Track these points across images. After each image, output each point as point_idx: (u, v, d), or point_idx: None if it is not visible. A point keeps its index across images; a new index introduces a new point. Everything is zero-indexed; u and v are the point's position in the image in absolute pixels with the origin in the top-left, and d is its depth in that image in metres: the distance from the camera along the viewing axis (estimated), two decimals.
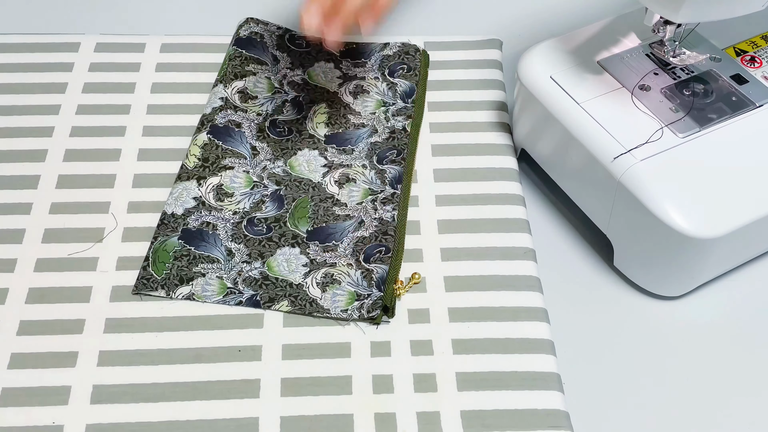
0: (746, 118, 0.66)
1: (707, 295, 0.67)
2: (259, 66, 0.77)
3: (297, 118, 0.75)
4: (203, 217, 0.67)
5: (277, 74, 0.78)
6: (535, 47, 0.71)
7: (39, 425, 0.57)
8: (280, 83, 0.77)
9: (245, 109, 0.74)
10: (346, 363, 0.60)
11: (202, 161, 0.70)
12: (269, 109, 0.75)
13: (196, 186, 0.69)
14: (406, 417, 0.58)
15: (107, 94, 0.78)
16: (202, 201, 0.68)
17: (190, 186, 0.69)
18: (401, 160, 0.71)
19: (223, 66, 0.77)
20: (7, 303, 0.63)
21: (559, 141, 0.68)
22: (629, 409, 0.60)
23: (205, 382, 0.59)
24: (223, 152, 0.71)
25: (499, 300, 0.64)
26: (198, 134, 0.72)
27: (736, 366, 0.62)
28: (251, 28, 0.80)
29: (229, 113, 0.73)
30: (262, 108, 0.75)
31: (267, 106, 0.75)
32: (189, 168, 0.70)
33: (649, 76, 0.69)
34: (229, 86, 0.75)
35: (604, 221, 0.67)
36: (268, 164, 0.71)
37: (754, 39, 0.72)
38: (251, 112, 0.74)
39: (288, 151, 0.72)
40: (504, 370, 0.60)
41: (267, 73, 0.77)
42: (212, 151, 0.71)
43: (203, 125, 0.72)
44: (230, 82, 0.76)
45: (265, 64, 0.78)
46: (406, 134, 0.73)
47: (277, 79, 0.77)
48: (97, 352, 0.61)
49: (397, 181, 0.70)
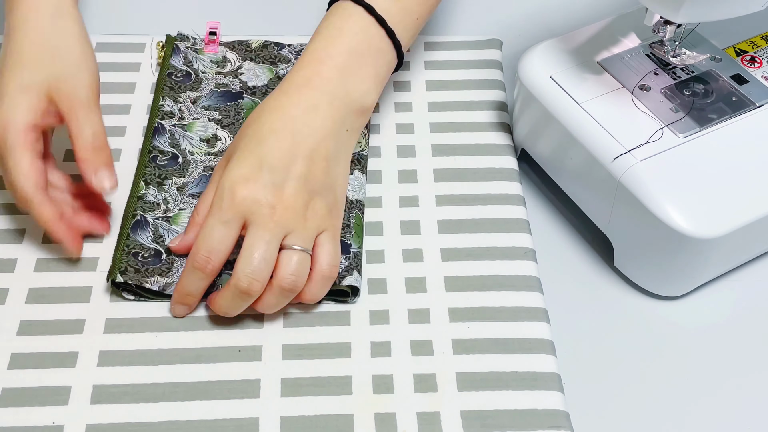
0: (746, 118, 0.66)
1: (707, 295, 0.67)
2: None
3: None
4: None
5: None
6: (535, 47, 0.71)
7: (39, 425, 0.57)
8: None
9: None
10: (346, 363, 0.60)
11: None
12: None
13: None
14: (406, 417, 0.58)
15: (107, 94, 0.77)
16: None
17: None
18: None
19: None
20: (7, 303, 0.63)
21: (559, 141, 0.68)
22: (629, 409, 0.60)
23: (205, 382, 0.59)
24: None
25: (499, 300, 0.64)
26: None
27: (736, 366, 0.62)
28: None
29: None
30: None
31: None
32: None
33: (649, 76, 0.69)
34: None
35: (604, 221, 0.67)
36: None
37: (754, 39, 0.72)
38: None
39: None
40: (504, 370, 0.60)
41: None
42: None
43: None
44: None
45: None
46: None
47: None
48: (97, 352, 0.61)
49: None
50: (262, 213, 0.59)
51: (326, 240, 0.62)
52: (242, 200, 0.59)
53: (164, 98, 0.75)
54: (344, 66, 0.65)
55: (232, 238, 0.60)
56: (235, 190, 0.60)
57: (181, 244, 0.63)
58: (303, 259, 0.60)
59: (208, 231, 0.60)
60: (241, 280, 0.59)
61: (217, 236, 0.60)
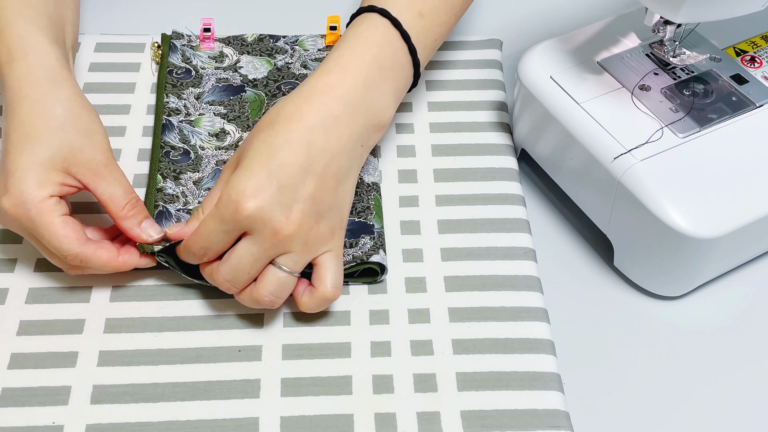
0: (746, 118, 0.66)
1: (707, 295, 0.67)
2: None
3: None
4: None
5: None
6: (535, 47, 0.71)
7: (39, 425, 0.57)
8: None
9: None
10: (346, 363, 0.60)
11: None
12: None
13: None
14: (406, 417, 0.58)
15: (107, 94, 0.78)
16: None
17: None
18: None
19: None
20: (7, 303, 0.63)
21: (559, 141, 0.68)
22: (629, 409, 0.60)
23: (205, 382, 0.59)
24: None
25: (499, 300, 0.64)
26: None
27: (736, 366, 0.62)
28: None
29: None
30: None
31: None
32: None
33: (649, 76, 0.69)
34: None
35: (604, 221, 0.67)
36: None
37: (754, 39, 0.72)
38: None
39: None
40: (504, 370, 0.60)
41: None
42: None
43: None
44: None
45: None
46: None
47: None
48: (97, 352, 0.61)
49: None
50: (263, 233, 0.58)
51: (329, 260, 0.61)
52: (246, 216, 0.58)
53: (168, 95, 0.76)
54: (367, 77, 0.63)
55: (228, 243, 0.60)
56: (240, 203, 0.58)
57: (178, 233, 0.62)
58: (287, 281, 0.60)
59: (206, 232, 0.59)
60: (219, 280, 0.60)
61: (214, 239, 0.59)
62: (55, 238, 0.60)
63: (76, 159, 0.61)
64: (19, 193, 0.59)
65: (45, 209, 0.59)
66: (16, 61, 0.62)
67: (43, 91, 0.62)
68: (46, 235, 0.60)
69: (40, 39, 0.64)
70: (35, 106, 0.61)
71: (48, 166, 0.60)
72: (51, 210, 0.60)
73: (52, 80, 0.63)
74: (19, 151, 0.60)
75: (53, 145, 0.61)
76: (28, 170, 0.60)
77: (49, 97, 0.62)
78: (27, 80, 0.62)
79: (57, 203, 0.60)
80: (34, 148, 0.60)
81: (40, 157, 0.60)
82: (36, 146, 0.60)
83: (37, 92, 0.62)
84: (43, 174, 0.60)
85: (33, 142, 0.60)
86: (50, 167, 0.60)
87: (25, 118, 0.61)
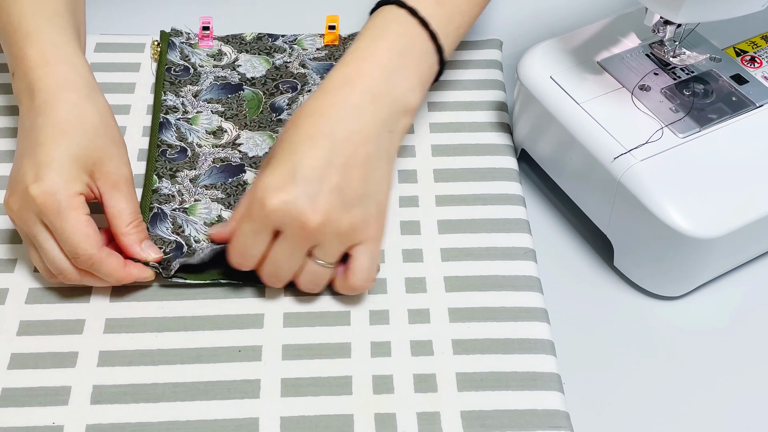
0: (746, 118, 0.66)
1: (707, 295, 0.67)
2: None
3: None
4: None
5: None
6: (535, 47, 0.71)
7: (39, 425, 0.57)
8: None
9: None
10: (346, 363, 0.60)
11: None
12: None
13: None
14: (406, 417, 0.58)
15: (107, 94, 0.76)
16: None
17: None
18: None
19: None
20: (7, 303, 0.63)
21: (559, 141, 0.68)
22: (629, 409, 0.60)
23: (205, 382, 0.59)
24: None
25: (499, 300, 0.64)
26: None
27: (736, 366, 0.62)
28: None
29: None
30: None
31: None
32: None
33: (649, 76, 0.69)
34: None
35: (604, 221, 0.67)
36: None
37: (754, 39, 0.72)
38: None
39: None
40: (504, 370, 0.60)
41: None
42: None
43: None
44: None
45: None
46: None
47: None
48: (97, 352, 0.61)
49: None
50: (292, 226, 0.59)
51: (362, 253, 0.62)
52: (272, 211, 0.58)
53: (166, 93, 0.76)
54: (387, 63, 0.63)
55: (263, 245, 0.60)
56: (266, 199, 0.58)
57: (217, 236, 0.63)
58: (323, 273, 0.62)
59: (241, 238, 0.61)
60: (264, 278, 0.62)
61: (249, 243, 0.60)
62: (77, 235, 0.60)
63: (103, 166, 0.62)
64: (52, 182, 0.60)
65: (74, 204, 0.60)
66: (52, 66, 0.64)
67: (81, 96, 0.63)
68: (68, 230, 0.60)
69: (74, 48, 0.66)
70: (74, 108, 0.63)
71: (80, 164, 0.61)
72: (79, 206, 0.60)
73: (91, 88, 0.65)
74: (55, 145, 0.61)
75: (88, 147, 0.62)
76: (63, 163, 0.60)
77: (87, 103, 0.63)
78: (65, 84, 0.63)
79: (83, 202, 0.61)
80: (70, 145, 0.61)
81: (75, 154, 0.61)
82: (72, 144, 0.61)
83: (75, 96, 0.63)
84: (75, 170, 0.61)
85: (69, 138, 0.61)
86: (82, 167, 0.61)
87: (63, 116, 0.62)
